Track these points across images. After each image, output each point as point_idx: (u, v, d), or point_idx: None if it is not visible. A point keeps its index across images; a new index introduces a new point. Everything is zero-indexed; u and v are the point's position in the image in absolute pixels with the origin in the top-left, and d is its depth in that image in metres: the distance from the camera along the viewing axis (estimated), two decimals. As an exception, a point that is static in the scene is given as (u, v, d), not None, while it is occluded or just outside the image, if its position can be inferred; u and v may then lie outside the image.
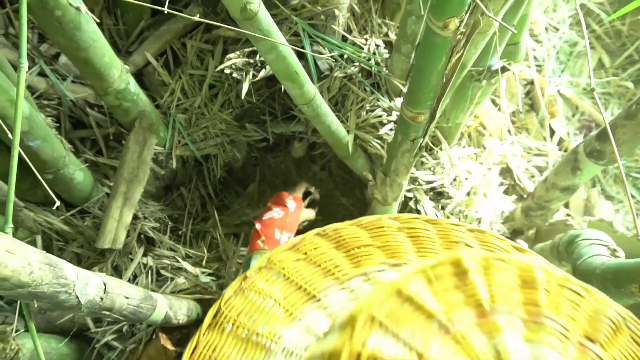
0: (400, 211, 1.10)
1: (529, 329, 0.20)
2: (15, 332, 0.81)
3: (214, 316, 0.37)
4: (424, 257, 0.37)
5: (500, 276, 0.21)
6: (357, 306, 0.23)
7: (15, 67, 0.81)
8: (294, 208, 1.04)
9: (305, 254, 0.42)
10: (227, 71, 1.03)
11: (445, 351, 0.19)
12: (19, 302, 0.83)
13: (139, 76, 1.15)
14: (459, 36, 0.62)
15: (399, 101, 1.10)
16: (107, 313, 0.63)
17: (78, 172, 0.93)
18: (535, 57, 1.54)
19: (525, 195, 1.22)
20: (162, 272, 1.03)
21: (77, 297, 0.54)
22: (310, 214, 1.16)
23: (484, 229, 0.37)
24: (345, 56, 1.07)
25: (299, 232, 1.19)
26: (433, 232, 0.40)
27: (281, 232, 0.97)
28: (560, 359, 0.19)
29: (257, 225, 0.97)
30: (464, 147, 1.20)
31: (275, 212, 1.00)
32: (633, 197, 1.40)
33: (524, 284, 0.21)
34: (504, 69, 0.87)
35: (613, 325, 0.20)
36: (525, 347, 0.19)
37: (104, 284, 0.61)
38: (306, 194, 1.22)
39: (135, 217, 1.02)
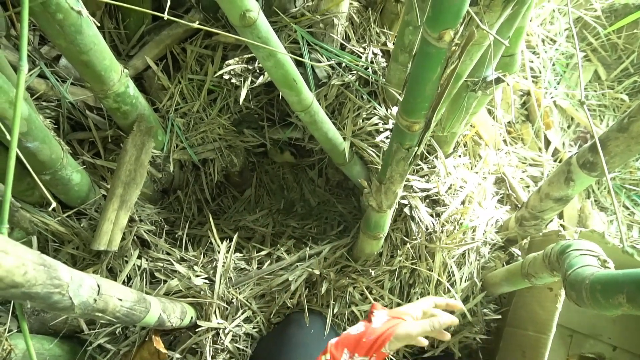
0: (395, 218, 1.11)
1: None
2: (8, 332, 0.81)
3: None
4: None
5: None
6: None
7: (16, 69, 0.81)
8: (381, 323, 0.81)
9: None
10: (226, 77, 1.04)
11: None
12: (12, 302, 0.83)
13: (139, 80, 1.16)
14: (454, 47, 0.63)
15: (395, 110, 1.11)
16: (101, 315, 0.63)
17: (75, 174, 0.94)
18: (531, 69, 1.56)
19: (519, 205, 1.23)
20: (157, 274, 1.04)
21: (71, 298, 0.54)
22: (411, 330, 0.77)
23: None
24: (343, 64, 1.08)
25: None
26: None
27: (352, 354, 0.77)
28: None
29: (332, 340, 0.80)
30: (459, 156, 1.21)
31: (355, 327, 0.81)
32: (627, 208, 1.41)
33: None
34: (499, 80, 0.88)
35: None
36: None
37: (98, 286, 0.61)
38: None
39: (131, 220, 1.02)
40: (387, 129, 1.10)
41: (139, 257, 1.04)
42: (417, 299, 1.08)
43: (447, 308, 0.88)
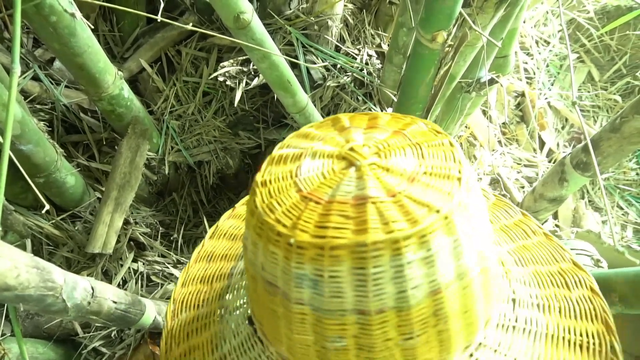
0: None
1: (368, 130, 0.36)
2: (2, 336, 0.81)
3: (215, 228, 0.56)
4: None
5: (359, 118, 0.38)
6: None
7: (9, 72, 0.81)
8: None
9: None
10: (221, 79, 1.04)
11: (320, 145, 0.36)
12: (6, 306, 0.82)
13: (134, 82, 1.16)
14: (447, 49, 0.63)
15: (390, 111, 1.11)
16: (95, 317, 0.63)
17: (70, 177, 0.93)
18: (525, 70, 1.57)
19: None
20: (153, 277, 1.03)
21: (64, 301, 0.54)
22: None
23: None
24: (338, 66, 1.09)
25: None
26: None
27: None
28: (380, 137, 0.35)
29: None
30: (454, 157, 1.21)
31: None
32: (621, 208, 1.42)
33: (371, 118, 0.38)
34: (492, 81, 0.89)
35: (417, 125, 0.37)
36: (363, 135, 0.35)
37: (92, 288, 0.61)
38: None
39: (126, 222, 1.02)
40: (382, 131, 1.10)
41: (135, 260, 1.04)
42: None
43: None
